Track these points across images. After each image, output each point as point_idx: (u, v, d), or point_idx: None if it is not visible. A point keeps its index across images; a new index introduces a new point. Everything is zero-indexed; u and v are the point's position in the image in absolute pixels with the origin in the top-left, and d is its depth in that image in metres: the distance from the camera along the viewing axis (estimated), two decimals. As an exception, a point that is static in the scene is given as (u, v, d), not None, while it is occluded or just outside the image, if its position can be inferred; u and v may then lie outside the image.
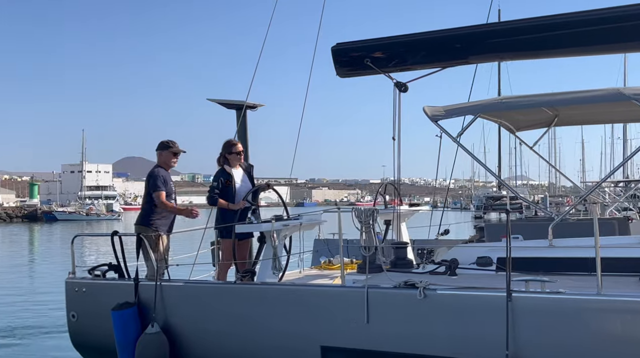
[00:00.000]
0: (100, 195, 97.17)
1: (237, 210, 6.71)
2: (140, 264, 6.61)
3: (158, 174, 6.77)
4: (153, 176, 6.76)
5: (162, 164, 6.91)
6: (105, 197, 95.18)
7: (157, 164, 6.93)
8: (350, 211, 6.16)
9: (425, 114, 6.43)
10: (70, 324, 6.83)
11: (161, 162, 6.93)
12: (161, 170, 6.84)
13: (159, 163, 6.93)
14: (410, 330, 5.15)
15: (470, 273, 5.76)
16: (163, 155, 6.93)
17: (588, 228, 6.29)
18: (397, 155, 7.35)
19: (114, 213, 78.84)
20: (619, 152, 58.52)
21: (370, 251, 5.48)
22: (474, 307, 4.92)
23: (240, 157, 7.16)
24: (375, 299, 5.29)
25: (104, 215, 77.37)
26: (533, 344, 4.69)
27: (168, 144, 6.94)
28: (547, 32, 6.60)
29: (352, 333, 5.39)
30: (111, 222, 65.57)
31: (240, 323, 5.88)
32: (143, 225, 6.69)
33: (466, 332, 4.93)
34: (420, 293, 5.07)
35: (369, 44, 7.61)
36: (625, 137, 52.80)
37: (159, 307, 6.24)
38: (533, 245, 5.81)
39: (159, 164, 6.92)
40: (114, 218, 72.62)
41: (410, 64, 7.60)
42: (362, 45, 7.66)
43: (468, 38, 7.12)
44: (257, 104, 8.93)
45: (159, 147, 6.96)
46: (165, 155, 6.92)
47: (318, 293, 5.67)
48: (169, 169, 6.93)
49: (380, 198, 8.77)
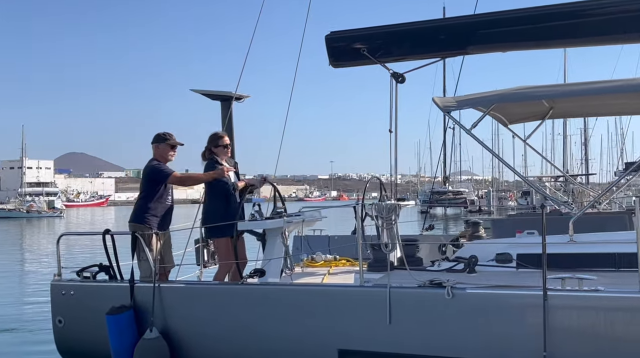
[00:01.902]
0: (42, 191, 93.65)
1: (239, 207, 6.36)
2: (131, 265, 6.17)
3: (157, 164, 6.36)
4: (153, 167, 6.33)
5: (159, 157, 6.46)
6: (47, 194, 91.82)
7: (153, 158, 6.47)
8: (353, 206, 5.89)
9: (436, 105, 6.23)
10: (56, 330, 6.33)
11: (157, 155, 6.47)
12: (158, 163, 6.42)
13: (155, 157, 6.47)
14: (436, 331, 4.94)
15: (490, 270, 5.59)
16: (160, 149, 6.47)
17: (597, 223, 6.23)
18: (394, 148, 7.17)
19: (56, 211, 76.25)
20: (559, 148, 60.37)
21: (393, 249, 5.23)
22: (507, 306, 4.74)
23: (227, 150, 6.78)
24: (398, 299, 5.05)
25: (45, 212, 74.62)
26: (571, 345, 4.54)
27: (165, 136, 6.49)
28: (551, 22, 6.50)
29: (372, 335, 5.14)
30: (53, 220, 63.41)
31: (249, 327, 5.55)
32: (137, 223, 6.24)
33: (498, 333, 4.74)
34: (448, 293, 4.86)
35: (366, 32, 7.38)
36: (565, 133, 54.36)
37: (158, 311, 5.84)
38: (553, 241, 5.67)
39: (155, 158, 6.47)
40: (56, 216, 70.17)
41: (408, 54, 7.40)
42: (358, 34, 7.41)
43: (470, 27, 6.96)
44: (243, 95, 8.55)
45: (154, 139, 6.51)
46: (162, 148, 6.47)
47: (335, 294, 5.38)
48: (166, 162, 6.48)
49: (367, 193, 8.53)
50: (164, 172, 6.28)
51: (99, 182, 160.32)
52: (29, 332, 10.10)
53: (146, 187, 6.32)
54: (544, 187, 23.82)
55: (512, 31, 6.72)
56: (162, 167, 6.33)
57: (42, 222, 60.63)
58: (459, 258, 5.83)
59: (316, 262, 7.73)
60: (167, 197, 6.40)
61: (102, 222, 57.36)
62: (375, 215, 5.27)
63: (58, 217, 68.14)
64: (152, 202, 6.26)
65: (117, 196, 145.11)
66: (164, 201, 6.35)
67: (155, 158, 6.45)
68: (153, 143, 6.50)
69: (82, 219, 66.00)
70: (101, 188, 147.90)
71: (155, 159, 6.43)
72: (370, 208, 5.57)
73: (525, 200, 41.28)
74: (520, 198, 44.60)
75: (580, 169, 53.06)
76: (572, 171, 50.46)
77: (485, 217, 36.80)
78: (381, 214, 5.23)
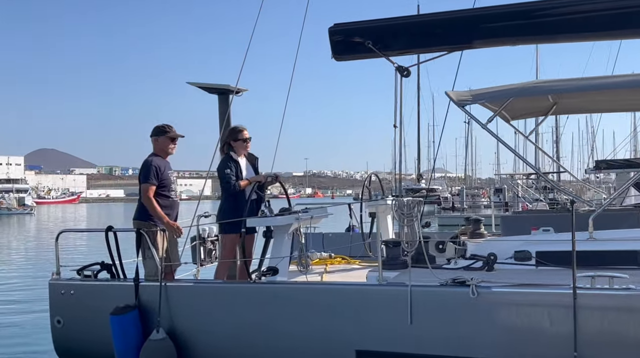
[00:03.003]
0: (11, 188, 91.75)
1: (247, 203, 6.15)
2: (136, 263, 5.92)
3: (152, 163, 6.03)
4: (146, 166, 6.03)
5: (159, 151, 6.18)
6: (17, 191, 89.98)
7: (153, 152, 6.20)
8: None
9: (450, 99, 6.10)
10: (54, 331, 6.05)
11: (157, 149, 6.20)
12: (156, 159, 6.12)
13: (155, 151, 6.20)
14: (460, 331, 4.80)
15: (508, 268, 5.47)
16: (159, 142, 6.19)
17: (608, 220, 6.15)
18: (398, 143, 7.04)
19: (26, 208, 74.69)
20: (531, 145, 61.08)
21: (415, 246, 5.08)
22: (535, 305, 4.62)
23: (247, 144, 6.56)
24: (419, 298, 4.90)
25: (15, 209, 73.07)
26: (603, 345, 4.43)
27: (164, 129, 6.21)
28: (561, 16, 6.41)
29: (392, 335, 4.99)
30: (23, 217, 62.14)
31: (262, 327, 5.35)
32: (142, 220, 5.98)
33: (525, 333, 4.62)
34: (472, 292, 4.73)
35: (371, 25, 7.20)
36: (537, 131, 54.95)
37: (165, 311, 5.60)
38: (570, 238, 5.56)
39: (155, 152, 6.20)
40: (27, 213, 68.77)
41: (414, 47, 7.25)
42: (363, 26, 7.23)
43: (480, 20, 6.83)
44: (241, 88, 8.31)
45: (153, 132, 6.22)
46: (161, 141, 6.19)
47: (353, 293, 5.21)
48: (166, 156, 6.21)
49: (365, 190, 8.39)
50: (146, 178, 5.94)
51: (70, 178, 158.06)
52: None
53: None
54: (516, 184, 23.96)
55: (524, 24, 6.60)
56: (151, 172, 5.96)
57: (12, 219, 59.30)
58: (476, 256, 5.70)
59: (311, 260, 7.56)
60: (170, 193, 6.14)
61: (74, 220, 56.37)
62: (396, 211, 5.11)
63: (28, 214, 66.82)
64: (156, 198, 5.99)
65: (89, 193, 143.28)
66: (168, 196, 6.09)
67: (154, 152, 6.18)
68: (152, 136, 6.22)
69: (53, 216, 64.73)
70: (72, 185, 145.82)
71: (154, 154, 6.16)
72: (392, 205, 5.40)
73: (498, 197, 41.71)
74: (493, 195, 45.06)
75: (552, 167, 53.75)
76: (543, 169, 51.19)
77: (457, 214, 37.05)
78: (402, 210, 5.08)
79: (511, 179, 27.15)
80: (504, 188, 41.49)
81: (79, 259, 7.40)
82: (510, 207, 25.37)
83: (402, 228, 5.11)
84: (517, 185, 24.20)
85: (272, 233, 6.25)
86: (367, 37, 7.08)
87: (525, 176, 26.49)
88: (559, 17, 6.42)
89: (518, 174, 32.79)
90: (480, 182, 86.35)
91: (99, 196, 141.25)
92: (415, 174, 65.47)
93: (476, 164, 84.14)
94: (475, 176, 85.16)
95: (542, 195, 23.36)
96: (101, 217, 60.25)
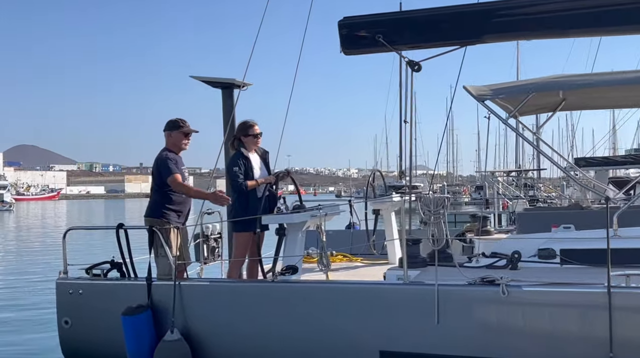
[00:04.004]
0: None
1: (261, 200, 5.99)
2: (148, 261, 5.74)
3: (167, 156, 5.86)
4: (162, 159, 5.85)
5: (172, 146, 5.98)
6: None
7: (166, 147, 6.01)
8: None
9: (469, 93, 5.99)
10: (62, 332, 5.84)
11: (170, 144, 6.00)
12: (170, 154, 5.95)
13: (168, 145, 6.00)
14: (489, 331, 4.68)
15: (532, 266, 5.37)
16: (173, 136, 6.00)
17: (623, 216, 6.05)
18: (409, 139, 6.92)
19: (5, 204, 73.67)
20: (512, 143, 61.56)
21: (441, 244, 4.96)
22: (569, 305, 4.52)
23: (258, 140, 6.39)
24: (447, 298, 4.78)
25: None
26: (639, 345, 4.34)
27: (178, 123, 6.01)
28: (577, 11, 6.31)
29: (418, 336, 4.86)
30: (2, 213, 61.10)
31: (281, 328, 5.19)
32: (154, 218, 5.78)
33: (558, 333, 4.51)
34: (503, 291, 4.61)
35: (382, 18, 7.06)
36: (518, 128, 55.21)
37: (179, 310, 5.42)
38: (595, 235, 5.48)
39: (167, 147, 6.01)
40: (5, 210, 67.70)
41: (428, 41, 7.11)
42: (374, 19, 7.09)
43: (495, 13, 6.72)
44: (246, 82, 8.12)
45: (167, 126, 6.03)
46: (175, 136, 5.99)
47: (377, 292, 5.07)
48: (179, 151, 6.03)
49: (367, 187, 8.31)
50: (169, 170, 5.76)
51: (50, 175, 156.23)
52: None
53: (158, 180, 5.84)
54: (497, 181, 24.07)
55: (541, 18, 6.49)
56: (170, 163, 5.81)
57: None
58: (497, 254, 5.60)
59: (312, 257, 7.42)
60: None
61: (54, 216, 55.58)
62: (422, 208, 4.99)
63: (7, 211, 65.76)
64: (168, 195, 5.80)
65: (69, 189, 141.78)
66: (181, 193, 5.90)
67: (167, 147, 5.98)
68: (165, 130, 6.03)
69: (33, 213, 63.77)
70: (52, 181, 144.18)
71: (167, 149, 5.96)
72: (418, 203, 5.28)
73: (478, 194, 41.98)
74: (474, 192, 45.34)
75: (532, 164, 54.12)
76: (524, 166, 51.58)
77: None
78: (429, 208, 4.96)
79: (492, 176, 27.24)
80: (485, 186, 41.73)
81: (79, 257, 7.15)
82: (491, 204, 25.48)
83: (428, 226, 4.98)
84: (497, 182, 24.31)
85: (285, 231, 6.11)
86: (379, 30, 6.94)
87: (506, 173, 26.61)
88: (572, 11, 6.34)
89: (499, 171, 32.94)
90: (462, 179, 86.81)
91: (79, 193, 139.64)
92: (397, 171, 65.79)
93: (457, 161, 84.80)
94: (456, 173, 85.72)
95: (522, 192, 23.46)
96: (82, 214, 59.55)
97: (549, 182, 36.91)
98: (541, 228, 6.36)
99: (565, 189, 25.05)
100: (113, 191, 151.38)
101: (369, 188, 8.36)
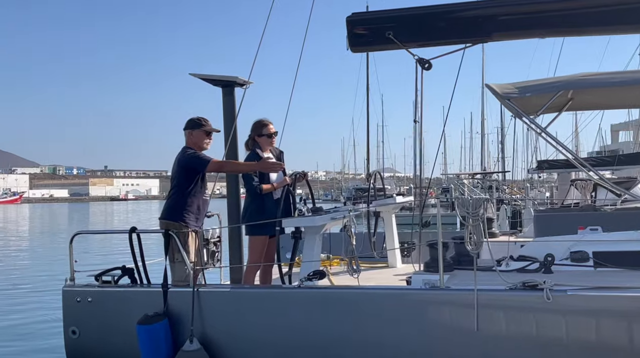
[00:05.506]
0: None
1: (279, 203, 5.75)
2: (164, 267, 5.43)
3: (193, 152, 5.62)
4: (189, 155, 5.57)
5: (192, 145, 5.68)
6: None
7: (186, 146, 5.71)
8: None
9: (493, 92, 5.83)
10: (69, 342, 5.48)
11: (191, 143, 5.70)
12: (194, 151, 5.70)
13: (188, 144, 5.70)
14: (532, 337, 4.51)
15: (566, 270, 5.23)
16: (194, 135, 5.70)
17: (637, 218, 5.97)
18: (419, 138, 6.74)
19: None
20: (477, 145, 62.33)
21: (480, 247, 4.76)
22: (616, 310, 4.37)
23: (273, 140, 6.15)
24: (487, 304, 4.59)
25: (-37, 210, 69.96)
26: None
27: (200, 122, 5.73)
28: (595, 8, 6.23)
29: (456, 343, 4.66)
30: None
31: (309, 336, 4.94)
32: (170, 220, 5.48)
33: (605, 339, 4.36)
34: (547, 296, 4.45)
35: (393, 14, 6.87)
36: (483, 131, 55.87)
37: (197, 319, 5.13)
38: (626, 237, 5.37)
39: (188, 146, 5.71)
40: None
41: (440, 39, 6.96)
42: (385, 16, 6.91)
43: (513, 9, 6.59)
44: (246, 80, 7.85)
45: (188, 125, 5.74)
46: (196, 135, 5.70)
47: (412, 297, 4.86)
48: (200, 151, 5.75)
49: None
50: (204, 159, 5.53)
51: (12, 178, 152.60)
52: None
53: (181, 179, 5.54)
54: (462, 184, 24.29)
55: None
56: (200, 154, 5.60)
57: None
58: (526, 257, 5.44)
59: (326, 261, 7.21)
60: (204, 191, 5.66)
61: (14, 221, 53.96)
62: (460, 210, 4.81)
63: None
64: (188, 196, 5.51)
65: (31, 193, 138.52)
66: (201, 195, 5.61)
67: (188, 146, 5.70)
68: (186, 129, 5.75)
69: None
70: (14, 184, 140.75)
71: (189, 147, 5.68)
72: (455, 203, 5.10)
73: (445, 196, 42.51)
74: (441, 194, 45.83)
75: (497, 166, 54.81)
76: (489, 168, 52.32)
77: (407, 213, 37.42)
78: (467, 209, 4.77)
79: (457, 179, 27.49)
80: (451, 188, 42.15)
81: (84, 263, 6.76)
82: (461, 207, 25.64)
83: (466, 229, 4.80)
84: (463, 184, 24.53)
85: (301, 234, 5.88)
86: (389, 27, 6.76)
87: (471, 176, 26.89)
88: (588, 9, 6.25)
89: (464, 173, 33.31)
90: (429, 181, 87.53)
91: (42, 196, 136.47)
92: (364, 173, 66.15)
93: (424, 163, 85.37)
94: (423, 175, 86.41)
95: (488, 194, 23.69)
96: (44, 218, 57.92)
97: (514, 184, 37.47)
98: (561, 230, 6.25)
99: (529, 191, 25.42)
100: (77, 194, 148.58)
101: (369, 190, 8.18)
